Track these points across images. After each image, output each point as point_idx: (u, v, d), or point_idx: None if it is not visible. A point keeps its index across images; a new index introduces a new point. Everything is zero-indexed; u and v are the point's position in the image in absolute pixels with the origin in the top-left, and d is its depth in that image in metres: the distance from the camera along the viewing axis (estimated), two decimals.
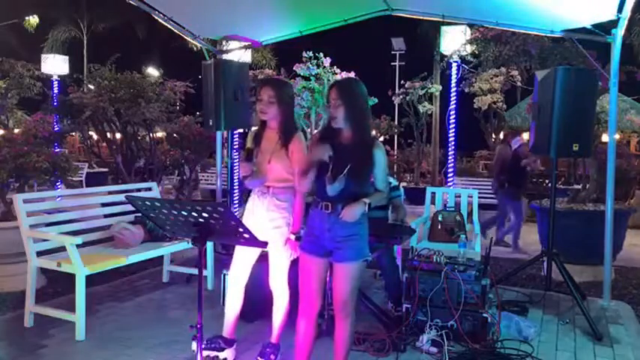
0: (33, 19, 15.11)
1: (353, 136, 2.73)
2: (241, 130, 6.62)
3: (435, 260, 3.85)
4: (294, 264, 3.13)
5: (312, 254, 2.83)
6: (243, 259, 3.31)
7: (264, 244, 2.60)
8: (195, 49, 13.37)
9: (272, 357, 3.31)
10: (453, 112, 8.35)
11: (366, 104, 2.81)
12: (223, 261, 4.74)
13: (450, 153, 8.66)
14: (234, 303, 3.34)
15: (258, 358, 3.31)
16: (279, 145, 3.15)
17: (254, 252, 3.29)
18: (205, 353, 3.26)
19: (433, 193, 5.83)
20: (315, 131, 6.31)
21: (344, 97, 2.69)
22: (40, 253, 3.97)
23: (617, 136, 4.98)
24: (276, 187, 3.20)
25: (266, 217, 3.20)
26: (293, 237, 3.18)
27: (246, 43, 6.16)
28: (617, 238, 5.25)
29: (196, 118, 6.96)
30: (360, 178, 2.71)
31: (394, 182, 4.63)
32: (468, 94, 10.55)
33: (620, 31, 4.38)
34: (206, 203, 2.39)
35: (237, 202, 6.85)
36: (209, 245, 4.75)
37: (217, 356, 3.38)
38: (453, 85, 8.38)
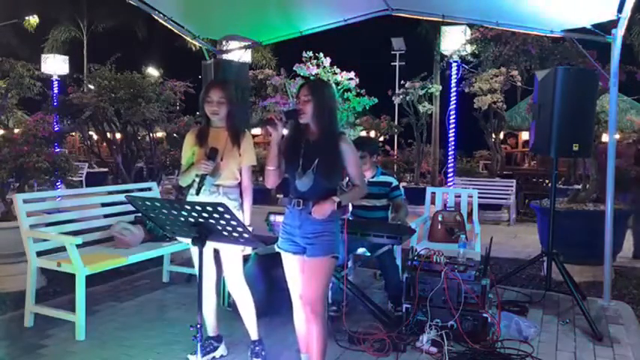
0: (33, 19, 15.10)
1: (319, 131, 2.78)
2: None
3: (435, 260, 3.85)
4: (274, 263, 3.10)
5: (288, 251, 2.88)
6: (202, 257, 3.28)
7: (263, 242, 2.61)
8: (195, 49, 13.38)
9: (263, 353, 3.33)
10: (453, 112, 8.37)
11: (335, 105, 2.89)
12: None
13: (450, 153, 8.68)
14: (209, 303, 3.32)
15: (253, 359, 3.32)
16: (230, 144, 3.21)
17: (208, 248, 3.24)
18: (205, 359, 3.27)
19: (433, 193, 5.82)
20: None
21: (314, 94, 2.75)
22: (40, 253, 3.97)
23: (617, 136, 4.96)
24: (225, 186, 3.22)
25: None
26: None
27: (246, 43, 6.16)
28: (617, 238, 5.25)
29: (196, 118, 6.96)
30: (328, 173, 2.75)
31: (395, 182, 4.63)
32: (468, 94, 10.54)
33: (620, 31, 4.37)
34: (206, 203, 2.40)
35: None
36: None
37: (214, 357, 3.39)
38: (453, 85, 8.40)
